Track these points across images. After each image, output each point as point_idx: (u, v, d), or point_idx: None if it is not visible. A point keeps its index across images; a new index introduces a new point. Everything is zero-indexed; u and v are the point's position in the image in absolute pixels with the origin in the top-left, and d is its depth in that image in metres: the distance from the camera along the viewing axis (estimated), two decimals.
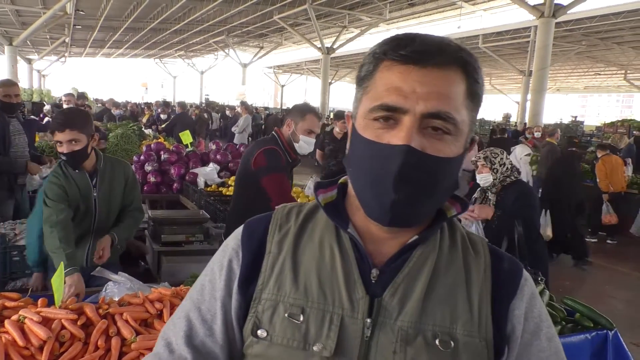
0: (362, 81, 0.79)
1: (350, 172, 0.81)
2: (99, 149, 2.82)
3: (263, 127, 17.82)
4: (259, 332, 0.80)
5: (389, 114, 0.74)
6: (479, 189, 3.42)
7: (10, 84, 4.40)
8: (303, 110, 3.02)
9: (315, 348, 0.76)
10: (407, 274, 0.80)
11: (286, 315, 0.79)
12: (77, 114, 2.67)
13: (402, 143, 0.72)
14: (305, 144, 2.91)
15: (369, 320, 0.77)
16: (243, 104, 13.47)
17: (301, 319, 0.78)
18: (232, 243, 0.89)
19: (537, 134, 9.95)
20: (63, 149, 2.50)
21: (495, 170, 3.27)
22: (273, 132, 3.02)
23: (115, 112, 11.92)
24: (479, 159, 3.35)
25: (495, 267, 0.84)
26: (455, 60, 0.74)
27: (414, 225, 0.80)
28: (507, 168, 3.26)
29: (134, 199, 2.86)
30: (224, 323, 0.84)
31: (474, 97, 0.78)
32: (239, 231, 0.90)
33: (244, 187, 2.95)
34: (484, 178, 3.30)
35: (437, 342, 0.76)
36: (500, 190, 3.30)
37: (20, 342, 1.59)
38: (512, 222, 3.11)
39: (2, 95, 4.03)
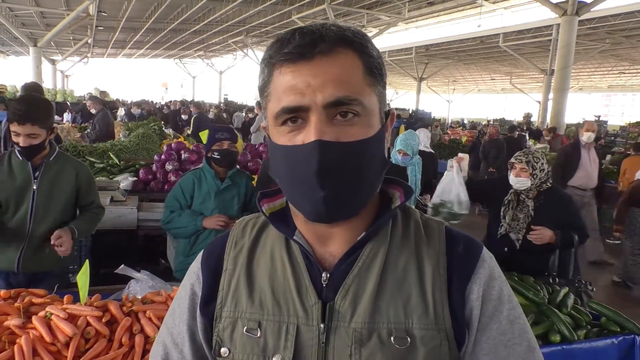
0: (262, 91, 0.78)
1: (278, 182, 0.79)
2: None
3: None
4: (221, 350, 0.81)
5: (294, 115, 0.72)
6: (511, 191, 3.24)
7: (37, 87, 4.52)
8: None
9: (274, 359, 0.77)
10: (356, 274, 0.78)
11: (244, 330, 0.79)
12: (39, 106, 2.45)
13: (312, 139, 0.70)
14: None
15: (322, 325, 0.77)
16: (258, 103, 13.49)
17: (259, 333, 0.78)
18: (194, 266, 0.90)
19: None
20: (19, 141, 2.38)
21: (534, 176, 3.14)
22: None
23: (135, 111, 12.13)
24: (520, 162, 3.18)
25: (450, 252, 0.81)
26: (340, 41, 0.72)
27: (354, 216, 0.77)
28: (546, 173, 3.16)
29: (94, 199, 2.76)
30: (192, 346, 0.85)
31: (374, 71, 0.75)
32: (200, 254, 0.91)
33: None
34: (520, 182, 3.16)
35: (392, 339, 0.75)
36: (537, 195, 3.19)
37: (47, 338, 1.62)
38: (571, 235, 3.04)
39: None
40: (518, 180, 3.17)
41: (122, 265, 2.30)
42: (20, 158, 2.48)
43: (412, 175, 4.43)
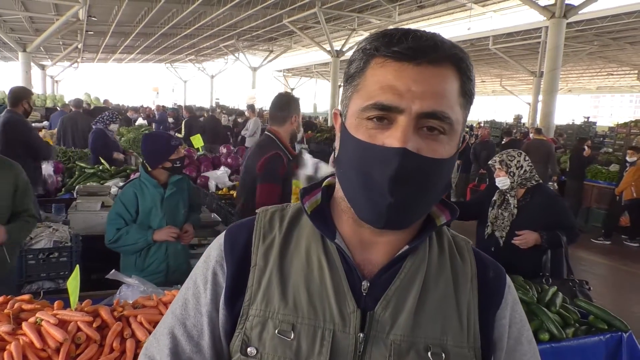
0: (352, 78, 0.76)
1: (340, 174, 0.78)
2: None
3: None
4: (248, 350, 0.78)
5: (383, 114, 0.71)
6: (497, 191, 3.34)
7: (25, 91, 4.51)
8: (297, 102, 3.10)
9: None
10: (398, 286, 0.78)
11: (276, 332, 0.77)
12: None
13: (398, 145, 0.69)
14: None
15: (361, 334, 0.76)
16: (250, 107, 13.49)
17: (292, 336, 0.76)
18: (215, 254, 0.85)
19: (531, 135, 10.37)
20: None
21: (512, 174, 3.21)
22: (268, 134, 3.01)
23: (133, 116, 12.16)
24: (495, 162, 3.30)
25: (481, 275, 0.84)
26: (449, 57, 0.72)
27: (407, 227, 0.78)
28: (525, 170, 3.21)
29: (28, 207, 2.64)
30: (212, 339, 0.82)
31: (467, 95, 0.76)
32: (220, 240, 0.87)
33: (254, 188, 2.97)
34: (501, 182, 3.24)
35: (429, 354, 0.76)
36: (524, 194, 3.24)
37: (38, 344, 1.62)
38: (558, 235, 3.06)
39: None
40: (499, 180, 3.26)
41: (113, 271, 2.30)
42: None
43: None
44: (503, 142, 10.39)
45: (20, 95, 4.88)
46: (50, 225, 3.48)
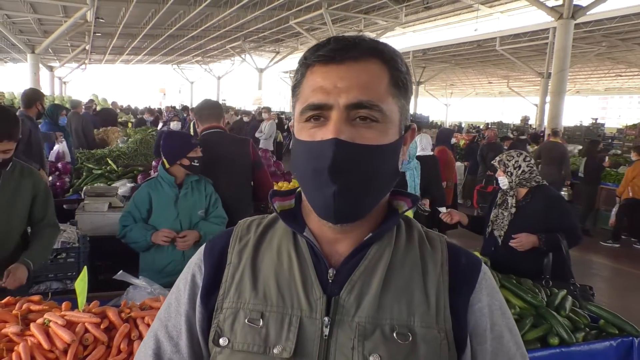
0: (294, 89, 0.83)
1: (296, 177, 0.83)
2: None
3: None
4: (220, 340, 0.82)
5: (317, 113, 0.77)
6: (500, 191, 3.37)
7: (37, 93, 4.56)
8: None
9: (275, 350, 0.78)
10: (363, 270, 0.82)
11: (246, 321, 0.81)
12: (11, 120, 2.31)
13: (330, 137, 0.74)
14: None
15: (326, 318, 0.79)
16: (268, 109, 13.32)
17: (261, 323, 0.80)
18: (195, 259, 0.92)
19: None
20: None
21: (509, 174, 3.23)
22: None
23: (148, 118, 12.29)
24: (495, 162, 3.34)
25: (453, 261, 0.86)
26: (370, 52, 0.78)
27: (360, 218, 0.81)
28: (524, 171, 3.20)
29: (46, 214, 2.55)
30: (189, 338, 0.87)
31: (399, 84, 0.80)
32: (202, 248, 0.93)
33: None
34: (501, 181, 3.30)
35: (394, 335, 0.78)
36: (525, 194, 3.24)
37: (46, 345, 1.62)
38: (557, 238, 3.04)
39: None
40: (500, 180, 3.30)
41: (121, 272, 2.30)
42: None
43: (410, 180, 4.43)
44: (506, 148, 10.35)
45: (34, 97, 4.96)
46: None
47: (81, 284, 1.92)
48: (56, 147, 5.53)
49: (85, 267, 2.07)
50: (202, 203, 3.04)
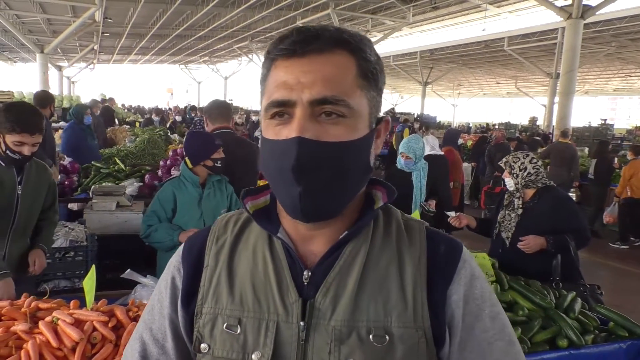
0: (261, 85, 0.80)
1: (265, 176, 0.80)
2: None
3: None
4: (201, 346, 0.81)
5: (281, 109, 0.74)
6: (507, 192, 3.35)
7: (48, 95, 4.61)
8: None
9: (253, 357, 0.77)
10: (338, 272, 0.79)
11: (224, 327, 0.80)
12: (39, 115, 2.50)
13: (294, 135, 0.71)
14: None
15: (302, 323, 0.77)
16: None
17: (238, 329, 0.79)
18: (174, 260, 0.90)
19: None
20: (24, 150, 2.39)
21: (515, 175, 3.22)
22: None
23: (155, 118, 12.41)
24: (502, 163, 3.33)
25: (432, 253, 0.82)
26: (336, 42, 0.74)
27: (332, 217, 0.78)
28: (530, 173, 3.19)
29: (53, 203, 2.80)
30: (175, 340, 0.86)
31: (368, 75, 0.76)
32: (180, 248, 0.91)
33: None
34: (507, 183, 3.29)
35: (371, 337, 0.76)
36: (533, 195, 3.22)
37: (54, 343, 1.63)
38: (565, 239, 3.01)
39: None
40: (506, 182, 3.30)
41: (128, 270, 2.31)
42: (3, 164, 2.47)
43: (416, 180, 4.40)
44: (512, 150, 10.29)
45: (48, 99, 5.06)
46: (66, 224, 3.51)
47: (89, 283, 1.93)
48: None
49: (93, 265, 2.08)
50: (225, 203, 3.06)
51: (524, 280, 2.67)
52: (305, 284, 0.79)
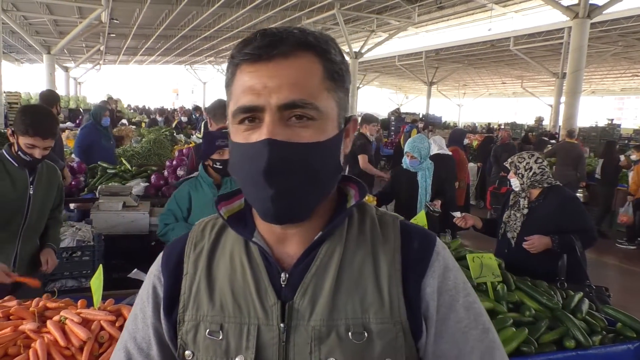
0: (227, 89, 0.79)
1: (236, 181, 0.81)
2: None
3: None
4: (185, 353, 0.82)
5: (250, 115, 0.74)
6: (511, 193, 3.35)
7: (54, 95, 4.63)
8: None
9: None
10: (314, 273, 0.80)
11: (206, 334, 0.81)
12: (53, 119, 2.53)
13: (264, 137, 0.71)
14: None
15: (282, 325, 0.78)
16: None
17: (221, 335, 0.80)
18: (154, 269, 0.90)
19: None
20: (35, 153, 2.42)
21: (520, 175, 3.21)
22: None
23: (159, 118, 12.45)
24: (507, 164, 3.33)
25: (405, 247, 0.83)
26: (300, 45, 0.74)
27: (305, 218, 0.79)
28: (535, 173, 3.18)
29: (60, 203, 2.86)
30: (160, 348, 0.86)
31: (334, 77, 0.77)
32: (159, 256, 0.92)
33: None
34: (512, 183, 3.29)
35: (350, 335, 0.77)
36: (538, 195, 3.21)
37: (62, 342, 1.64)
38: (571, 239, 2.99)
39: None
40: (511, 182, 3.29)
41: (135, 270, 2.32)
42: (16, 164, 2.50)
43: (422, 180, 4.40)
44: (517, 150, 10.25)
45: (54, 99, 5.06)
46: (73, 224, 3.53)
47: (96, 282, 1.94)
48: None
49: (100, 265, 2.09)
50: None
51: (531, 281, 2.66)
52: (283, 286, 0.80)
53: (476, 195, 10.45)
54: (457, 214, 3.52)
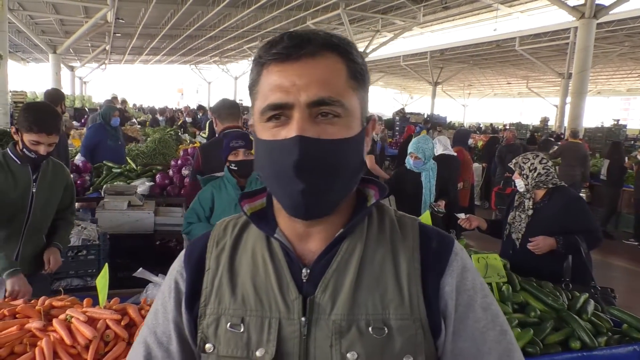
0: (252, 89, 0.82)
1: (262, 177, 0.83)
2: None
3: None
4: (206, 346, 0.84)
5: (278, 112, 0.76)
6: (517, 193, 3.34)
7: (59, 93, 4.64)
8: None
9: (257, 354, 0.80)
10: (335, 268, 0.82)
11: (228, 327, 0.82)
12: (57, 115, 2.55)
13: (294, 134, 0.74)
14: None
15: (304, 319, 0.80)
16: None
17: (242, 328, 0.82)
18: (177, 265, 0.93)
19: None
20: (40, 150, 2.43)
21: (525, 176, 3.20)
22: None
23: (160, 118, 12.48)
24: (512, 164, 3.31)
25: (424, 247, 0.85)
26: (325, 46, 0.77)
27: (330, 213, 0.81)
28: (540, 173, 3.17)
29: (71, 203, 2.82)
30: (180, 343, 0.87)
31: (357, 76, 0.80)
32: (181, 253, 0.94)
33: None
34: (517, 184, 3.28)
35: (370, 330, 0.79)
36: (543, 196, 3.20)
37: (68, 341, 1.65)
38: (576, 240, 2.98)
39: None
40: (516, 183, 3.28)
41: (140, 269, 2.32)
42: (19, 162, 2.50)
43: (426, 181, 4.39)
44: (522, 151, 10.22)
45: (59, 98, 5.06)
46: (79, 223, 3.55)
47: (102, 281, 1.94)
48: None
49: (106, 264, 2.09)
50: None
51: (536, 282, 2.65)
52: (305, 281, 0.82)
53: (481, 196, 10.42)
54: (462, 215, 3.51)
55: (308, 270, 0.83)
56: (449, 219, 4.32)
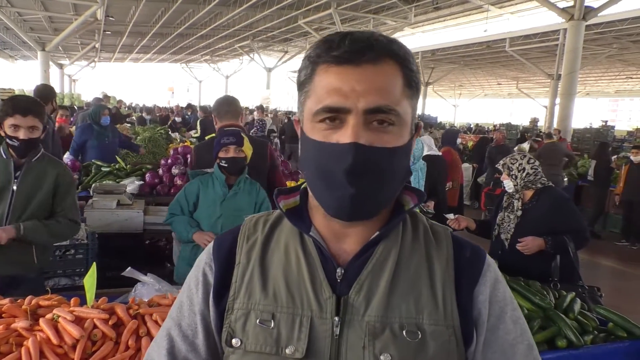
0: (303, 85, 0.81)
1: (305, 175, 0.83)
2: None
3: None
4: (233, 341, 0.83)
5: (333, 115, 0.76)
6: (505, 194, 3.36)
7: (49, 89, 4.59)
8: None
9: (287, 351, 0.79)
10: (370, 270, 0.82)
11: (257, 322, 0.81)
12: (36, 101, 2.53)
13: (349, 140, 0.74)
14: None
15: (337, 318, 0.79)
16: (260, 107, 13.89)
17: (272, 324, 0.81)
18: (205, 257, 0.92)
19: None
20: (19, 135, 2.38)
21: (514, 177, 3.22)
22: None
23: (147, 117, 12.38)
24: (500, 165, 3.32)
25: (458, 256, 0.86)
26: (386, 53, 0.77)
27: (373, 217, 0.82)
28: (528, 174, 3.19)
29: (64, 208, 2.59)
30: (206, 336, 0.87)
31: (412, 85, 0.80)
32: (210, 246, 0.93)
33: None
34: (506, 185, 3.29)
35: (404, 333, 0.79)
36: (531, 196, 3.23)
37: (54, 340, 1.63)
38: (564, 240, 3.01)
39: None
40: (505, 184, 3.29)
41: (129, 268, 2.31)
42: (5, 156, 2.46)
43: (414, 181, 4.41)
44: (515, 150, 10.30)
45: (50, 95, 4.99)
46: None
47: (90, 280, 1.93)
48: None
49: (94, 263, 2.08)
50: (250, 209, 2.89)
51: (524, 281, 2.67)
52: (339, 280, 0.82)
53: (470, 196, 10.47)
54: (451, 216, 3.53)
55: (342, 270, 0.82)
56: (438, 220, 4.35)
